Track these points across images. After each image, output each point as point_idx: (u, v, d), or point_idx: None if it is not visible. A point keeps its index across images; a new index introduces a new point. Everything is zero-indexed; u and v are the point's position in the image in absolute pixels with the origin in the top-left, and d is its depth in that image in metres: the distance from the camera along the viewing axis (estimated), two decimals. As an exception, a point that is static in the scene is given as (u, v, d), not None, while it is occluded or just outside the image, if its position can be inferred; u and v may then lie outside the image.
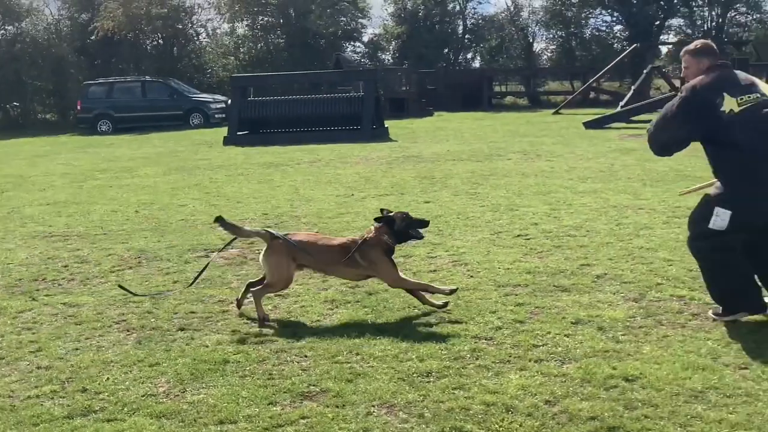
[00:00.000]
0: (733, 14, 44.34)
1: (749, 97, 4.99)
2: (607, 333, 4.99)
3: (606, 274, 6.35)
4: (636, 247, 7.17)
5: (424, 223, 5.84)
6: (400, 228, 5.68)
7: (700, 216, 5.14)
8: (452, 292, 5.69)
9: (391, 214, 5.75)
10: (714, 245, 5.02)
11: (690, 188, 6.48)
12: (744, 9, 44.28)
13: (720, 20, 43.56)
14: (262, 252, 5.72)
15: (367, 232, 5.73)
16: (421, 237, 5.82)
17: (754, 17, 44.36)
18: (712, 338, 4.81)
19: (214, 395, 4.27)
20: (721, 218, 4.94)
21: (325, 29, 42.37)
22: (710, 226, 5.00)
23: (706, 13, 44.38)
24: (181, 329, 5.44)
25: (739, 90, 5.01)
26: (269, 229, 5.90)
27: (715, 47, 5.35)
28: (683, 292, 5.77)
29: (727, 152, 5.02)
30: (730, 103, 4.95)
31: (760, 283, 5.15)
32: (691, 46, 5.35)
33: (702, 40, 5.46)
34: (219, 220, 5.79)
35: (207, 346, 5.05)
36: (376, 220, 5.72)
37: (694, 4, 44.27)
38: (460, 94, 33.65)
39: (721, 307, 5.14)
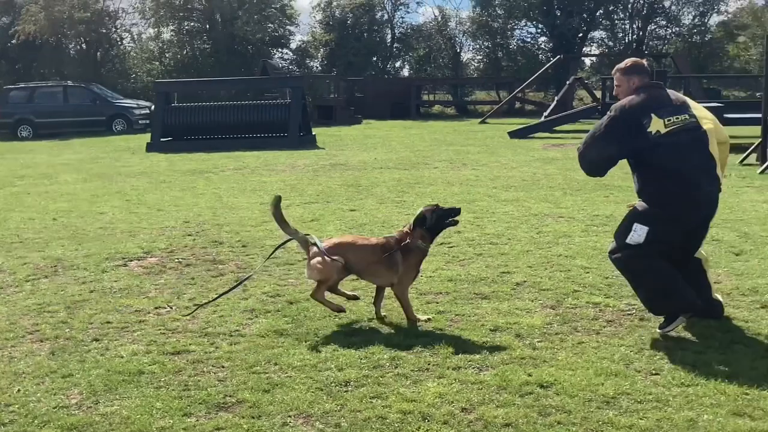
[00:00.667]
0: (653, 27, 45.68)
1: (677, 118, 5.05)
2: (524, 340, 5.05)
3: (525, 281, 6.44)
4: (555, 255, 7.29)
5: (455, 212, 5.70)
6: (431, 224, 5.59)
7: (622, 230, 5.22)
8: (426, 321, 5.50)
9: (420, 211, 5.63)
10: (630, 255, 5.11)
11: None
12: (664, 22, 45.65)
13: (641, 33, 44.80)
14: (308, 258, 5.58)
15: (400, 233, 5.63)
16: (456, 223, 5.76)
17: (673, 30, 45.74)
18: (625, 344, 4.91)
19: (127, 407, 4.18)
20: (638, 234, 5.05)
21: (252, 35, 42.15)
22: (627, 240, 5.10)
23: (627, 26, 45.59)
24: (96, 339, 5.31)
25: (668, 111, 5.07)
26: (308, 235, 5.73)
27: (646, 65, 5.39)
28: (599, 299, 5.88)
29: (652, 172, 5.11)
30: (657, 124, 5.02)
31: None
32: (622, 65, 5.37)
33: (633, 59, 5.47)
34: (276, 203, 5.62)
35: (122, 357, 4.94)
36: (415, 222, 5.57)
37: (615, 17, 45.48)
38: (388, 102, 33.78)
39: (664, 319, 5.11)
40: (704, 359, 4.62)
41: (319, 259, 5.44)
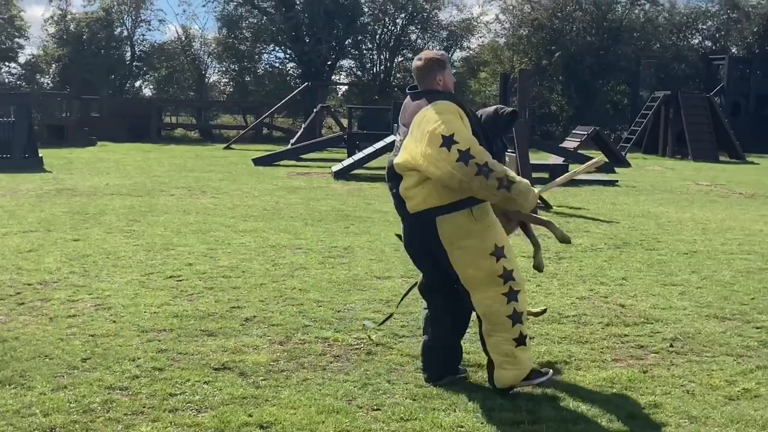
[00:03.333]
0: (400, 59, 47.53)
1: (399, 137, 4.86)
2: (248, 378, 4.91)
3: (255, 316, 6.30)
4: (289, 288, 7.23)
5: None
6: None
7: None
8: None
9: None
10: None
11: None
12: (410, 55, 47.69)
13: (388, 64, 46.49)
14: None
15: None
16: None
17: (419, 64, 47.88)
18: (350, 380, 4.91)
19: None
20: None
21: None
22: None
23: (375, 57, 47.18)
24: None
25: (399, 127, 4.93)
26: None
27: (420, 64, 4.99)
28: (328, 333, 5.87)
29: None
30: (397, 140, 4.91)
31: None
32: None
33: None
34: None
35: None
36: None
37: (363, 47, 46.86)
38: (126, 123, 32.48)
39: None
40: (424, 392, 4.72)
41: None
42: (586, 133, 26.07)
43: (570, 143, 25.62)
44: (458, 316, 4.95)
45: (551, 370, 4.85)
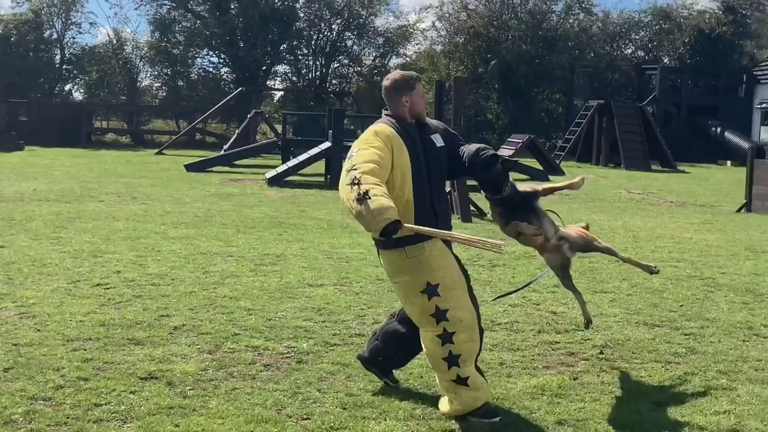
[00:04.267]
0: (336, 65, 47.45)
1: None
2: (175, 388, 4.80)
3: (184, 325, 6.18)
4: (219, 296, 7.11)
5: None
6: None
7: None
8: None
9: None
10: None
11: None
12: (346, 61, 47.65)
13: (324, 70, 46.36)
14: None
15: None
16: None
17: (355, 70, 47.90)
18: (280, 389, 4.84)
19: None
20: None
21: None
22: None
23: (311, 63, 47.00)
24: None
25: None
26: None
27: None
28: (258, 342, 5.78)
29: None
30: None
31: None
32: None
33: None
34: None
35: None
36: None
37: (299, 52, 46.62)
38: (56, 128, 31.72)
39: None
40: (355, 401, 4.67)
41: None
42: (521, 141, 26.44)
43: (505, 151, 25.91)
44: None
45: (498, 418, 4.51)
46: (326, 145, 19.69)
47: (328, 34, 46.26)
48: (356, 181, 4.14)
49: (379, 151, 4.31)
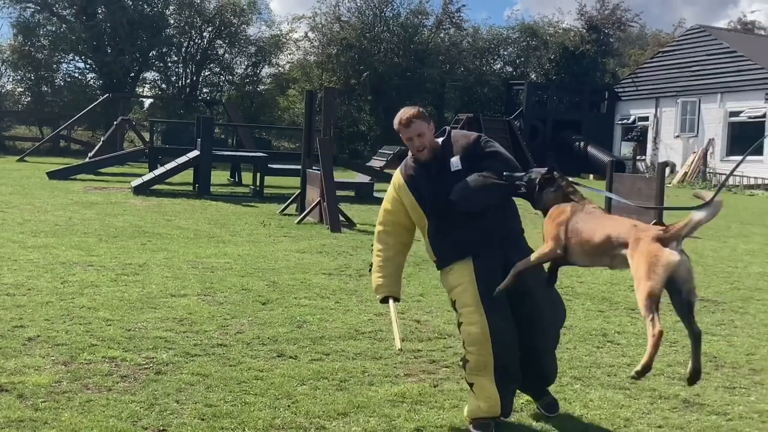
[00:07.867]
0: (207, 74, 46.76)
1: None
2: (27, 400, 4.64)
3: (39, 336, 5.97)
4: (77, 307, 6.90)
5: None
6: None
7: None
8: None
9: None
10: None
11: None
12: (218, 69, 47.01)
13: (194, 78, 45.60)
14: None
15: None
16: None
17: (227, 78, 47.32)
18: (136, 400, 4.74)
19: None
20: None
21: None
22: None
23: (181, 70, 46.15)
24: None
25: None
26: None
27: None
28: (116, 353, 5.65)
29: None
30: None
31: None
32: (415, 113, 4.63)
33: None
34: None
35: None
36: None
37: (168, 59, 45.73)
38: None
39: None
40: (213, 412, 4.63)
41: None
42: (392, 152, 26.78)
43: (376, 162, 26.22)
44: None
45: None
46: (194, 153, 19.40)
47: (199, 41, 45.68)
48: (371, 247, 5.06)
49: (389, 203, 4.90)
